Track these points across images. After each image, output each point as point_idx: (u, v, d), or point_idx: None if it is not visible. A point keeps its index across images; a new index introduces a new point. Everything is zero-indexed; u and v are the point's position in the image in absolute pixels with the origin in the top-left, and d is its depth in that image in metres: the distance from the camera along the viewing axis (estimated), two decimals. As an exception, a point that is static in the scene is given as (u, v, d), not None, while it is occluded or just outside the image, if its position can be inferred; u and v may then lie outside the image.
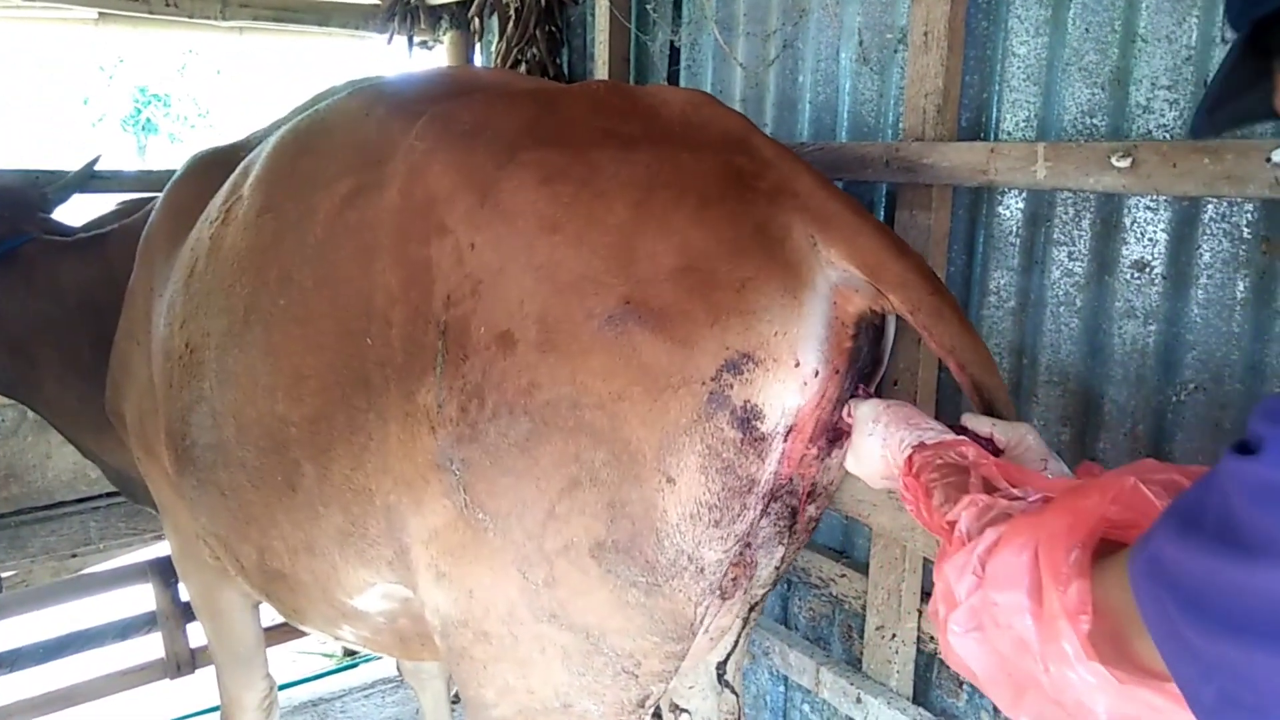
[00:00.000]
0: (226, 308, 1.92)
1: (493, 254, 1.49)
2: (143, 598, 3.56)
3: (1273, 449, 0.72)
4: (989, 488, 1.18)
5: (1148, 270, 1.89)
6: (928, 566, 2.33)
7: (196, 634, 3.12)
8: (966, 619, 1.06)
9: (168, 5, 3.65)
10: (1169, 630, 0.80)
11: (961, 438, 1.32)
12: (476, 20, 3.66)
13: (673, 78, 3.15)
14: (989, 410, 1.44)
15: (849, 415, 1.49)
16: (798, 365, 1.41)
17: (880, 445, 1.40)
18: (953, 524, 1.15)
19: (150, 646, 3.54)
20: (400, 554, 1.70)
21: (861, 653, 2.50)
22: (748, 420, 1.40)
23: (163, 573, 3.40)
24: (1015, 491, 1.17)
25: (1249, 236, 1.75)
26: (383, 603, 1.86)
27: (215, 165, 2.35)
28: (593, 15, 3.30)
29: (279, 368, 1.79)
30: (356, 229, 1.70)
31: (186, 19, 3.83)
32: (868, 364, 1.54)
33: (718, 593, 1.59)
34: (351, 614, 1.93)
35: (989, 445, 1.33)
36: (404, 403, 1.58)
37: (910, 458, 1.33)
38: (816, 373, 1.44)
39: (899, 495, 1.35)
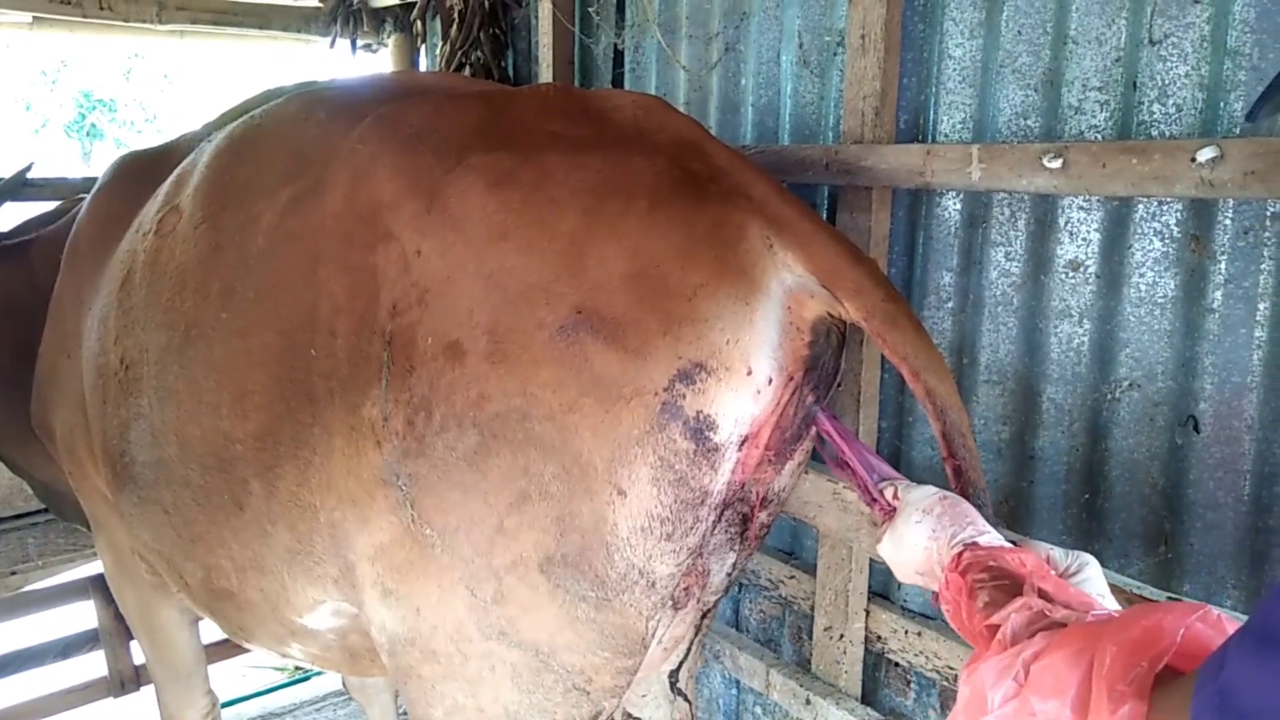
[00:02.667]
0: (166, 323, 1.87)
1: (440, 261, 1.46)
2: (84, 615, 3.49)
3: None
4: (1045, 599, 1.09)
5: (1082, 270, 1.92)
6: (875, 567, 2.35)
7: (140, 650, 3.06)
8: None
9: (102, 9, 3.56)
10: None
11: (1021, 547, 1.26)
12: (420, 23, 3.63)
13: (617, 80, 3.14)
14: (941, 417, 1.44)
15: (895, 498, 1.43)
16: (750, 374, 1.39)
17: (927, 537, 1.32)
18: (994, 628, 1.06)
19: (93, 664, 3.48)
20: (346, 571, 1.66)
21: (811, 654, 2.50)
22: (701, 431, 1.38)
23: (104, 589, 3.33)
24: (1074, 604, 1.08)
25: (1178, 235, 1.79)
26: (333, 620, 1.83)
27: (143, 170, 2.29)
28: (537, 18, 3.28)
29: (223, 383, 1.74)
30: (299, 236, 1.65)
31: (122, 23, 3.74)
32: (829, 372, 1.52)
33: (670, 604, 1.57)
34: (301, 632, 1.89)
35: None
36: (349, 416, 1.55)
37: (960, 554, 1.25)
38: (770, 380, 1.42)
39: (935, 593, 1.27)
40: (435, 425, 1.44)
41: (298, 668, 4.44)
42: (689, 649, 2.06)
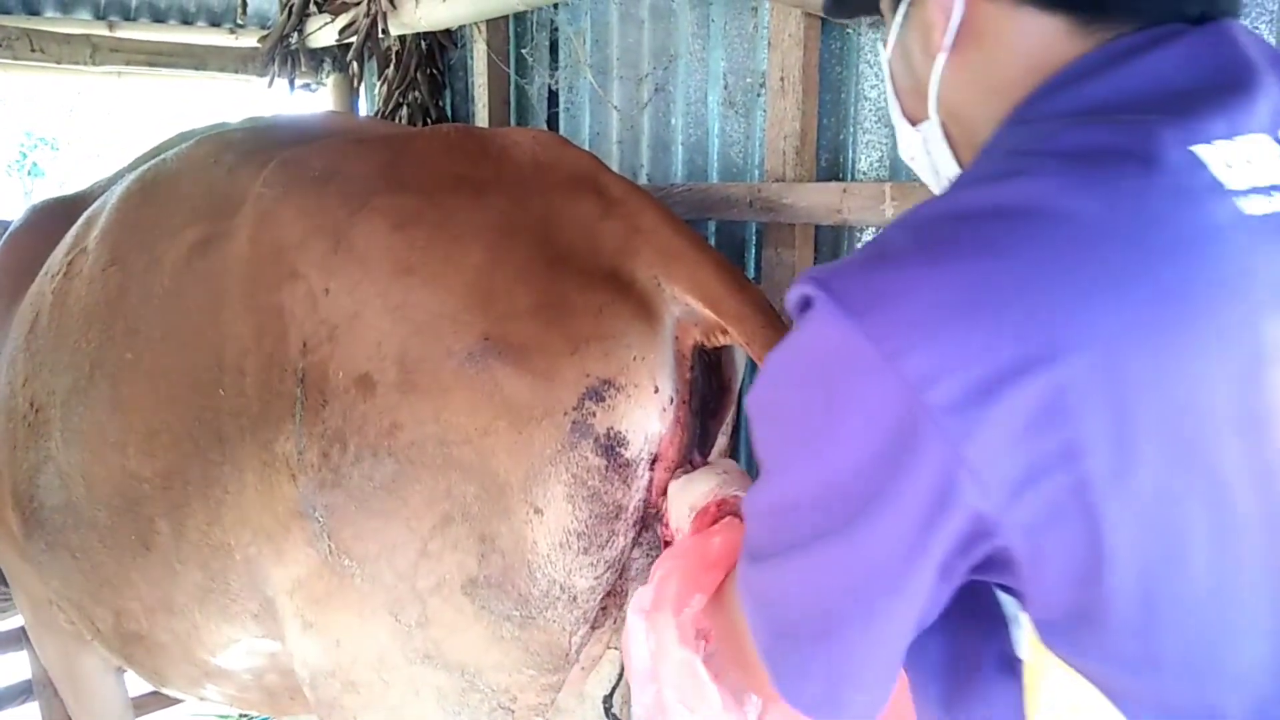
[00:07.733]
0: (72, 364, 1.87)
1: (348, 298, 1.50)
2: (17, 666, 3.41)
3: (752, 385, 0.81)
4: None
5: (993, 301, 1.98)
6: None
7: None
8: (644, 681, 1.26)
9: (33, 51, 3.54)
10: (742, 590, 0.86)
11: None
12: (356, 64, 3.65)
13: (552, 120, 3.19)
14: None
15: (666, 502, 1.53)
16: (657, 391, 1.45)
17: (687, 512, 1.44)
18: None
19: (27, 717, 3.38)
20: (266, 606, 1.66)
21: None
22: (612, 447, 1.43)
23: (37, 639, 3.25)
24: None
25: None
26: (248, 659, 1.81)
27: (56, 216, 2.28)
28: (472, 59, 3.33)
29: (128, 423, 1.74)
30: (204, 278, 1.68)
31: (55, 64, 3.72)
32: (708, 395, 1.60)
33: (589, 623, 1.60)
34: (215, 673, 1.88)
35: None
36: (261, 452, 1.56)
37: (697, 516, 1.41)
38: (672, 400, 1.48)
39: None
40: (350, 456, 1.46)
41: (242, 715, 4.35)
42: (620, 673, 2.08)
